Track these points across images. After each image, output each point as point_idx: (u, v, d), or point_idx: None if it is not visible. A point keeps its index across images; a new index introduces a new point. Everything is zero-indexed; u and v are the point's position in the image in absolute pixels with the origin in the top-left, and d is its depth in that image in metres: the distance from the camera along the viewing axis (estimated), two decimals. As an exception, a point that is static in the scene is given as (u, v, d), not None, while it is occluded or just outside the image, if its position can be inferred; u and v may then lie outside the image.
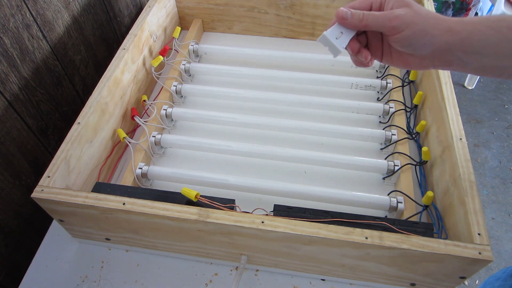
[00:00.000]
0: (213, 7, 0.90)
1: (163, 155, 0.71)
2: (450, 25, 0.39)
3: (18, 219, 0.63)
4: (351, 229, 0.46)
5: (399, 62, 0.44)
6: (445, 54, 0.40)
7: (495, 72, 0.40)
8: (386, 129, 0.71)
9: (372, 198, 0.60)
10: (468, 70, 0.41)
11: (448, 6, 1.81)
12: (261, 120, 0.71)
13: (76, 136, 0.56)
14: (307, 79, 0.80)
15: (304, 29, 0.91)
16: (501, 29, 0.38)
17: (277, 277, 0.57)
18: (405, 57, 0.43)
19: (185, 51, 0.85)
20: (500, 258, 1.37)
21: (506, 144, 1.71)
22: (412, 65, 0.43)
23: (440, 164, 0.60)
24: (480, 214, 0.48)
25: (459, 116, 0.60)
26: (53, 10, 0.66)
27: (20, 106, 0.61)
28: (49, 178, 0.52)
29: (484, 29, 0.38)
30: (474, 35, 0.38)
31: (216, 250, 0.54)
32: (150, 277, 0.57)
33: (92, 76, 0.80)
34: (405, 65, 0.44)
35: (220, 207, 0.50)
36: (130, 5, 0.90)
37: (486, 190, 1.56)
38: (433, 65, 0.42)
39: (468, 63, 0.40)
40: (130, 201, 0.49)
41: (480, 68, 0.40)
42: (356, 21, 0.41)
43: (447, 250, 0.44)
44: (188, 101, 0.80)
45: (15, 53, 0.59)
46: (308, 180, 0.67)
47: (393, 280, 0.52)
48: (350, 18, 0.41)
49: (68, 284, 0.56)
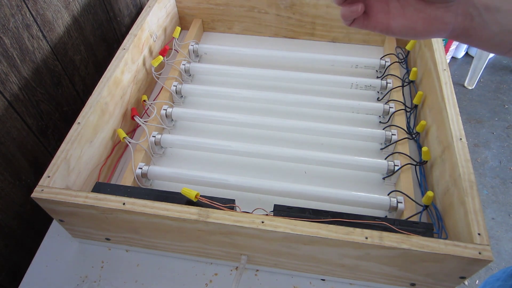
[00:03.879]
0: (213, 7, 0.90)
1: (163, 155, 0.71)
2: None
3: (18, 219, 0.63)
4: (351, 229, 0.46)
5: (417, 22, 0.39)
6: (469, 6, 0.38)
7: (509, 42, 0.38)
8: (386, 129, 0.71)
9: (372, 198, 0.60)
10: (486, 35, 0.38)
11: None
12: (261, 120, 0.71)
13: (76, 136, 0.56)
14: (307, 79, 0.80)
15: (304, 29, 0.91)
16: None
17: (277, 277, 0.57)
18: (427, 12, 0.38)
19: (185, 51, 0.85)
20: (500, 258, 1.38)
21: (506, 144, 1.71)
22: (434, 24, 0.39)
23: (440, 164, 0.60)
24: (480, 214, 0.48)
25: (459, 116, 0.60)
26: (53, 10, 0.66)
27: (20, 106, 0.61)
28: (49, 178, 0.52)
29: None
30: None
31: (216, 250, 0.54)
32: (150, 277, 0.57)
33: (92, 76, 0.80)
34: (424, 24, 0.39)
35: (220, 207, 0.50)
36: (130, 5, 0.90)
37: (486, 190, 1.56)
38: (455, 23, 0.38)
39: (488, 22, 0.38)
40: (130, 201, 0.49)
41: (497, 34, 0.38)
42: None
43: (447, 250, 0.44)
44: (188, 101, 0.80)
45: (15, 53, 0.59)
46: (308, 180, 0.67)
47: (393, 280, 0.52)
48: None
49: (68, 284, 0.56)
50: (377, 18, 0.39)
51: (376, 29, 0.40)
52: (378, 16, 0.39)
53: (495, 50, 0.40)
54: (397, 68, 0.80)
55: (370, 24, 0.40)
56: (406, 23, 0.39)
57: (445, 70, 0.67)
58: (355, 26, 0.40)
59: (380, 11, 0.39)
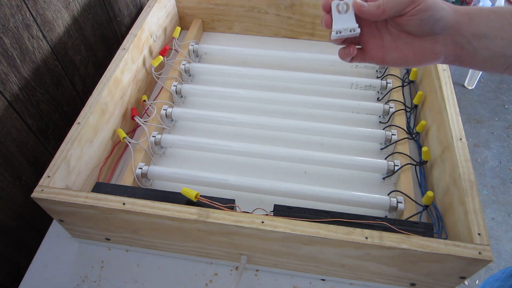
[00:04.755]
0: (213, 7, 0.90)
1: (163, 155, 0.71)
2: (455, 7, 0.40)
3: (18, 219, 0.63)
4: (351, 229, 0.46)
5: (409, 54, 0.42)
6: (457, 36, 0.40)
7: (502, 64, 0.40)
8: (386, 129, 0.71)
9: (372, 198, 0.60)
10: (478, 60, 0.40)
11: (448, 6, 1.80)
12: (261, 120, 0.71)
13: (76, 136, 0.56)
14: (307, 79, 0.80)
15: (304, 29, 0.91)
16: (504, 14, 0.39)
17: (277, 277, 0.57)
18: (417, 45, 0.41)
19: (185, 51, 0.85)
20: (500, 258, 1.38)
21: (506, 144, 1.71)
22: (425, 55, 0.41)
23: (440, 164, 0.60)
24: (480, 214, 0.48)
25: (459, 116, 0.60)
26: (53, 10, 0.66)
27: (20, 106, 0.61)
28: (49, 178, 0.52)
29: (487, 12, 0.39)
30: (479, 16, 0.39)
31: (216, 250, 0.54)
32: (150, 277, 0.57)
33: (92, 76, 0.80)
34: (416, 56, 0.42)
35: (220, 207, 0.50)
36: (130, 5, 0.90)
37: (486, 190, 1.56)
38: (445, 52, 0.41)
39: (477, 49, 0.39)
40: (130, 201, 0.49)
41: (488, 58, 0.40)
42: (374, 8, 0.40)
43: (447, 250, 0.44)
44: (188, 101, 0.80)
45: (15, 53, 0.59)
46: (308, 180, 0.67)
47: (393, 280, 0.52)
48: (367, 6, 0.41)
49: (68, 284, 0.56)
50: (372, 53, 0.43)
51: (373, 62, 0.44)
52: (373, 51, 0.43)
53: (490, 71, 0.42)
54: (397, 68, 0.80)
55: (367, 58, 0.44)
56: (399, 56, 0.42)
57: (445, 70, 0.67)
58: (354, 62, 0.45)
59: (375, 47, 0.43)
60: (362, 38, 0.44)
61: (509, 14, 0.39)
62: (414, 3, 0.39)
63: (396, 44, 0.42)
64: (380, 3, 0.40)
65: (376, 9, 0.40)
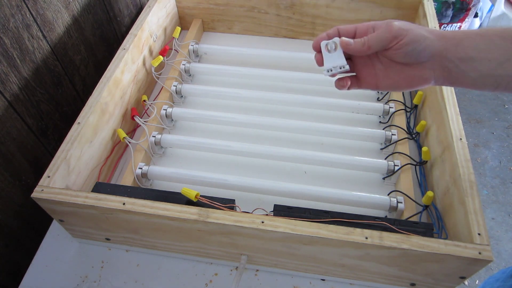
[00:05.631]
0: (213, 7, 0.90)
1: (163, 155, 0.71)
2: (442, 33, 0.42)
3: (18, 219, 0.63)
4: (351, 229, 0.46)
5: (400, 81, 0.45)
6: (444, 61, 0.42)
7: (492, 83, 0.41)
8: (386, 129, 0.71)
9: (372, 198, 0.60)
10: (468, 81, 0.42)
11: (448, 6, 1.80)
12: (261, 120, 0.71)
13: (76, 136, 0.56)
14: (307, 79, 0.80)
15: (304, 29, 0.91)
16: (490, 36, 0.40)
17: (277, 277, 0.57)
18: (407, 73, 0.44)
19: (185, 51, 0.85)
20: (500, 258, 1.38)
21: (506, 144, 1.71)
22: (415, 80, 0.44)
23: (440, 164, 0.60)
24: (480, 214, 0.48)
25: (459, 116, 0.60)
26: (53, 10, 0.66)
27: (20, 106, 0.61)
28: (49, 178, 0.52)
29: (473, 35, 0.41)
30: (465, 41, 0.41)
31: (216, 250, 0.54)
32: (150, 277, 0.57)
33: (92, 76, 0.80)
34: (407, 82, 0.44)
35: (220, 207, 0.50)
36: (130, 5, 0.90)
37: (486, 190, 1.56)
38: (434, 76, 0.43)
39: (465, 71, 0.41)
40: (130, 201, 0.49)
41: (478, 78, 0.41)
42: (359, 45, 0.43)
43: (447, 250, 0.44)
44: (188, 101, 0.80)
45: (15, 53, 0.59)
46: (308, 180, 0.67)
47: (393, 280, 0.52)
48: (353, 44, 0.44)
49: (68, 284, 0.56)
50: (366, 81, 0.47)
51: (368, 88, 0.47)
52: (367, 79, 0.46)
53: (482, 89, 0.43)
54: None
55: (362, 85, 0.47)
56: (391, 82, 0.45)
57: (445, 70, 0.67)
58: (350, 89, 0.48)
59: (368, 75, 0.46)
60: (356, 67, 0.47)
61: (495, 36, 0.40)
62: (397, 38, 0.42)
63: (387, 72, 0.45)
64: (365, 40, 0.43)
65: (362, 46, 0.43)
